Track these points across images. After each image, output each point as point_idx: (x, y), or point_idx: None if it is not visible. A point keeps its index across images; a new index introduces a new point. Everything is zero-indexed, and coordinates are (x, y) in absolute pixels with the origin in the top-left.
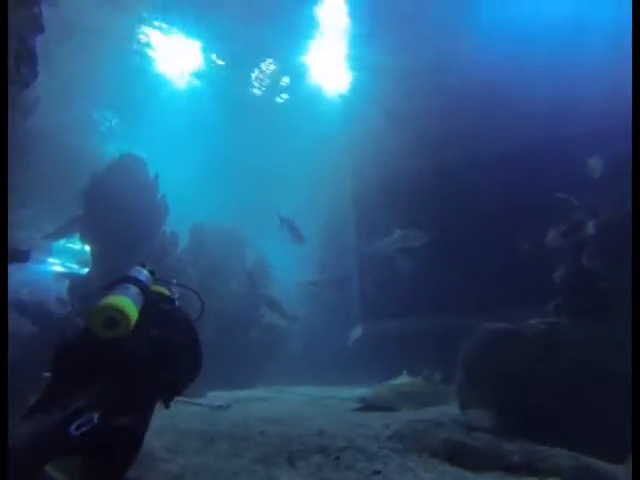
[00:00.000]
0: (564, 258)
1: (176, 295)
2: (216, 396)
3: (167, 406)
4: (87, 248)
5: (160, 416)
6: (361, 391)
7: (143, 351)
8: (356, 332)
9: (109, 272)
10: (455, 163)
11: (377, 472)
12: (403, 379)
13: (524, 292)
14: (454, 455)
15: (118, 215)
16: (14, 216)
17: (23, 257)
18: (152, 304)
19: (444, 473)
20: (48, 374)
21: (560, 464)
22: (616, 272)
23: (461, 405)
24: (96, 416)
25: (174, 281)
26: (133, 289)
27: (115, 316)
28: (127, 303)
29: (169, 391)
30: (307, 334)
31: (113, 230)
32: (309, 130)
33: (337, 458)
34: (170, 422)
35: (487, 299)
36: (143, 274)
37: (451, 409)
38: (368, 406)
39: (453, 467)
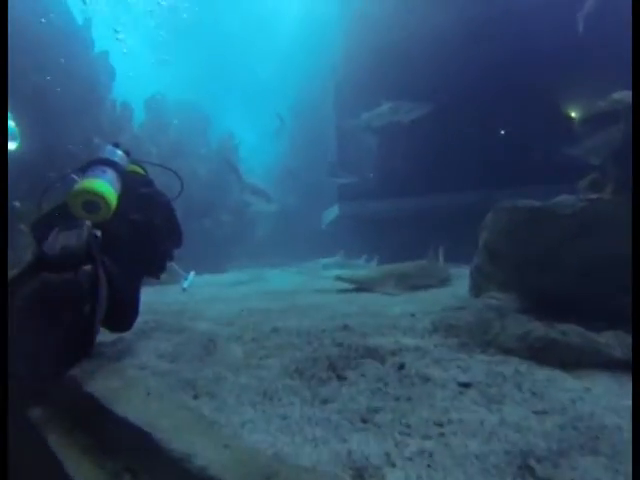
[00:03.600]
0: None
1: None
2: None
3: (157, 277)
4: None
5: None
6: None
7: (124, 235)
8: (331, 213)
9: (41, 149)
10: (453, 30)
11: (466, 385)
12: (339, 258)
13: (532, 170)
14: (538, 352)
15: (32, 70)
16: None
17: None
18: (130, 187)
19: (552, 380)
20: None
21: None
22: None
23: (474, 288)
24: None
25: (152, 161)
26: (110, 172)
27: (95, 200)
28: (106, 187)
29: (154, 269)
30: (279, 217)
31: (33, 92)
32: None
33: (402, 367)
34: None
35: (490, 178)
36: (118, 155)
37: (457, 290)
38: (362, 289)
39: (545, 368)
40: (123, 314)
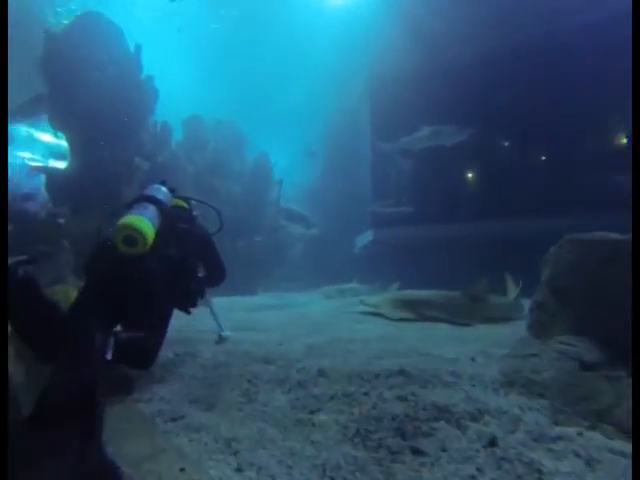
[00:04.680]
0: None
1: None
2: (220, 302)
3: (188, 312)
4: (59, 139)
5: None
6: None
7: (159, 269)
8: (365, 237)
9: (89, 168)
10: (499, 52)
11: None
12: (354, 284)
13: (573, 198)
14: None
15: (91, 93)
16: None
17: None
18: (171, 223)
19: None
20: None
21: None
22: None
23: (536, 327)
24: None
25: (194, 198)
26: (152, 209)
27: (134, 235)
28: (145, 223)
29: (184, 303)
30: (311, 240)
31: (88, 113)
32: (315, 23)
33: (493, 443)
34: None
35: (534, 205)
36: (162, 192)
37: (512, 328)
38: (399, 319)
39: None
40: (144, 356)
